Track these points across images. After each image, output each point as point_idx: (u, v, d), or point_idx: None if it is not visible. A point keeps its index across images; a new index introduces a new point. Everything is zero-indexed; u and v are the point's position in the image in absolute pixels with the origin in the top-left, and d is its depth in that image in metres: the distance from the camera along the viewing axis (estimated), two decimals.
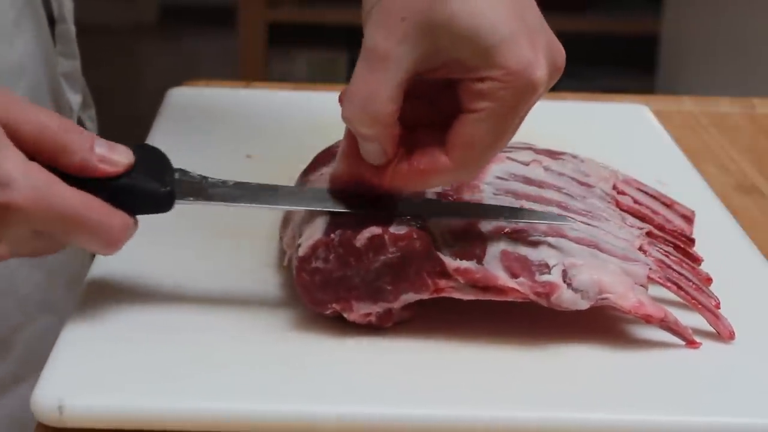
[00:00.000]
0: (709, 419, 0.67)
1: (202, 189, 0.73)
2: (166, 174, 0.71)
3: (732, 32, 2.33)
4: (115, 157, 0.69)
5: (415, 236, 0.71)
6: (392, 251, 0.71)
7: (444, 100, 0.71)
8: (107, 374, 0.68)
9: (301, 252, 0.72)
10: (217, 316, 0.74)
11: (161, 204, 0.71)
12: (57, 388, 0.66)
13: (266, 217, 0.87)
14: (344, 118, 0.70)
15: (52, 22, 0.96)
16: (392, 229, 0.72)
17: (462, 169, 0.70)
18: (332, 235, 0.72)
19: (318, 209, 0.74)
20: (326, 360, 0.71)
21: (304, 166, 0.86)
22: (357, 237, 0.71)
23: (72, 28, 0.99)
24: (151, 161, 0.71)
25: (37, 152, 0.67)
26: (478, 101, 0.68)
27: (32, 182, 0.66)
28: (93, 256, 0.82)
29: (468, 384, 0.69)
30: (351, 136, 0.72)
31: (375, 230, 0.71)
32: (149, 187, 0.70)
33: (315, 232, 0.72)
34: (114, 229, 0.68)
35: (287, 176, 0.86)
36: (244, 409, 0.66)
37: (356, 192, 0.74)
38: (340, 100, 0.70)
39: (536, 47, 0.68)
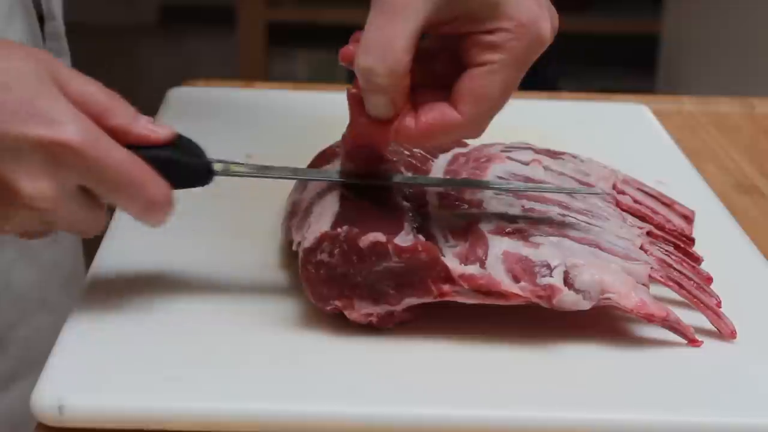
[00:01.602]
0: (711, 419, 0.67)
1: (231, 166, 0.75)
2: (201, 154, 0.74)
3: (732, 32, 2.33)
4: (157, 127, 0.71)
5: (420, 248, 0.71)
6: (396, 261, 0.71)
7: (438, 64, 0.73)
8: (107, 374, 0.68)
9: (307, 243, 0.72)
10: (217, 316, 0.74)
11: (200, 176, 0.73)
12: (57, 388, 0.66)
13: (267, 217, 0.87)
14: (361, 68, 0.70)
15: (41, 20, 0.96)
16: (397, 240, 0.71)
17: (471, 123, 0.72)
18: (339, 230, 0.72)
19: (332, 180, 0.77)
20: (327, 360, 0.71)
21: (304, 166, 0.86)
22: (361, 238, 0.71)
23: (61, 25, 0.99)
24: (187, 144, 0.73)
25: (83, 112, 0.68)
26: (490, 53, 0.70)
27: (81, 126, 0.67)
28: (87, 254, 0.82)
29: (470, 384, 0.69)
30: (355, 101, 0.72)
31: (379, 237, 0.71)
32: (189, 160, 0.73)
33: (322, 224, 0.72)
34: (155, 192, 0.70)
35: None
36: (244, 409, 0.66)
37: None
38: (344, 56, 0.71)
39: (540, 3, 0.71)
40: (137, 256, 0.80)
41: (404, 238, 0.72)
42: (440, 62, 0.73)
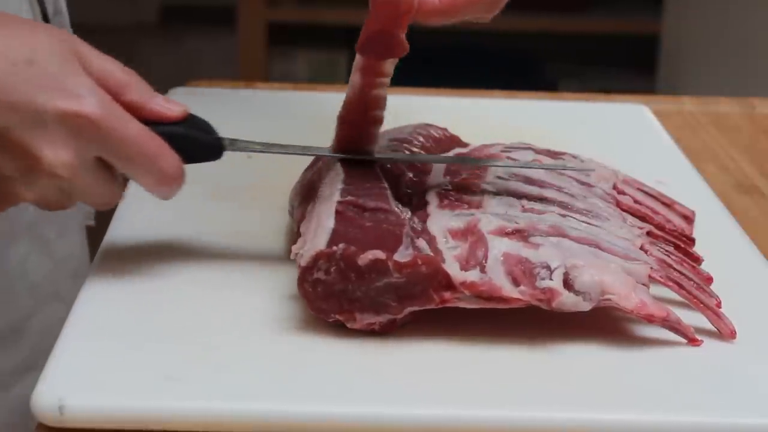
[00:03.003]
0: (711, 419, 0.67)
1: (239, 142, 0.79)
2: (212, 131, 0.78)
3: (732, 32, 2.33)
4: (171, 104, 0.75)
5: (420, 262, 0.71)
6: (396, 277, 0.71)
7: None
8: (107, 374, 0.68)
9: (303, 262, 0.72)
10: (218, 316, 0.74)
11: (211, 151, 0.77)
12: (57, 388, 0.66)
13: (267, 217, 0.87)
14: None
15: (45, 20, 0.97)
16: (396, 256, 0.71)
17: None
18: (334, 248, 0.71)
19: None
20: (327, 360, 0.71)
21: (304, 166, 0.86)
22: (359, 256, 0.71)
23: (67, 22, 1.00)
24: (198, 121, 0.78)
25: (102, 87, 0.72)
26: None
27: (101, 100, 0.71)
28: (93, 250, 0.83)
29: (470, 383, 0.69)
30: None
31: (378, 255, 0.71)
32: (201, 136, 0.77)
33: (317, 242, 0.72)
34: (168, 165, 0.73)
35: (287, 176, 0.86)
36: (245, 409, 0.66)
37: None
38: None
39: None
40: (137, 256, 0.80)
41: (403, 253, 0.72)
42: None
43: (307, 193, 0.81)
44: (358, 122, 0.80)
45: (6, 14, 0.73)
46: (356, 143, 0.81)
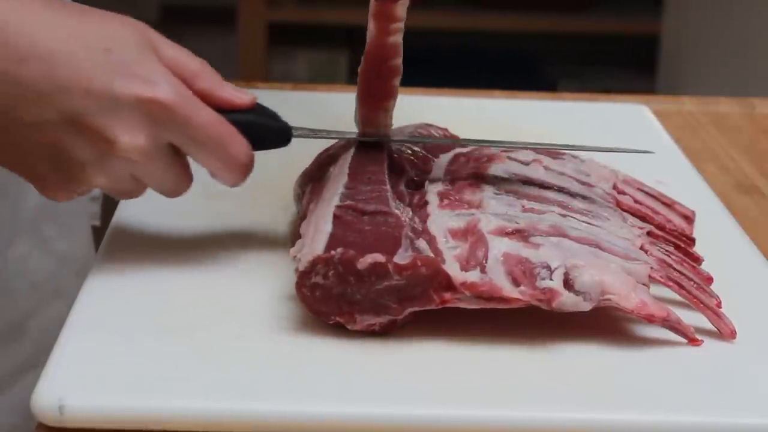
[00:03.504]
0: (711, 419, 0.67)
1: (305, 129, 0.81)
2: (278, 119, 0.79)
3: (732, 32, 2.32)
4: (241, 92, 0.77)
5: (420, 264, 0.71)
6: (396, 279, 0.71)
7: None
8: (107, 374, 0.68)
9: (301, 267, 0.72)
10: (218, 316, 0.74)
11: (280, 137, 0.79)
12: (57, 388, 0.66)
13: (267, 216, 0.87)
14: None
15: None
16: (396, 259, 0.71)
17: None
18: (332, 252, 0.71)
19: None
20: (327, 360, 0.71)
21: (304, 166, 0.86)
22: (359, 260, 0.71)
23: None
24: (266, 109, 0.79)
25: (175, 75, 0.74)
26: None
27: (175, 87, 0.73)
28: (98, 246, 0.83)
29: (470, 383, 0.69)
30: None
31: (378, 258, 0.71)
32: (269, 122, 0.78)
33: (315, 247, 0.72)
34: (238, 151, 0.75)
35: (287, 176, 0.87)
36: (245, 409, 0.66)
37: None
38: None
39: None
40: (138, 257, 0.80)
41: (403, 255, 0.72)
42: None
43: (316, 174, 0.82)
44: (378, 74, 0.80)
45: (81, 5, 0.74)
46: (376, 98, 0.81)
